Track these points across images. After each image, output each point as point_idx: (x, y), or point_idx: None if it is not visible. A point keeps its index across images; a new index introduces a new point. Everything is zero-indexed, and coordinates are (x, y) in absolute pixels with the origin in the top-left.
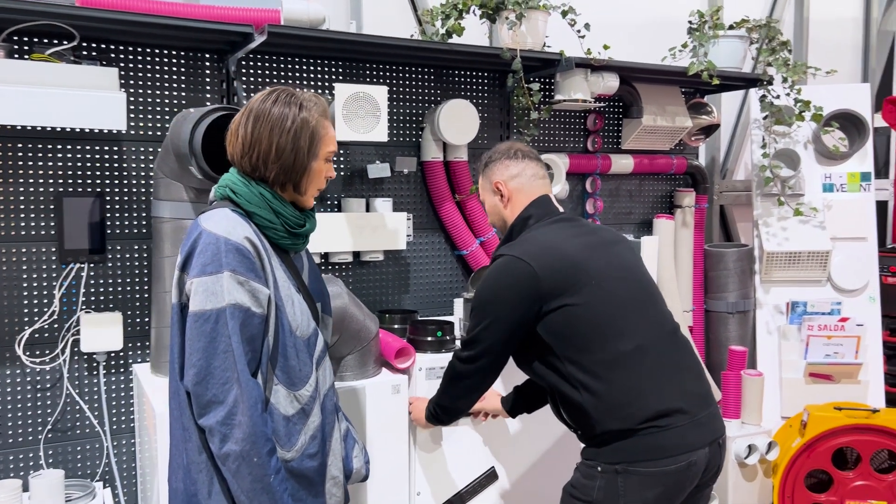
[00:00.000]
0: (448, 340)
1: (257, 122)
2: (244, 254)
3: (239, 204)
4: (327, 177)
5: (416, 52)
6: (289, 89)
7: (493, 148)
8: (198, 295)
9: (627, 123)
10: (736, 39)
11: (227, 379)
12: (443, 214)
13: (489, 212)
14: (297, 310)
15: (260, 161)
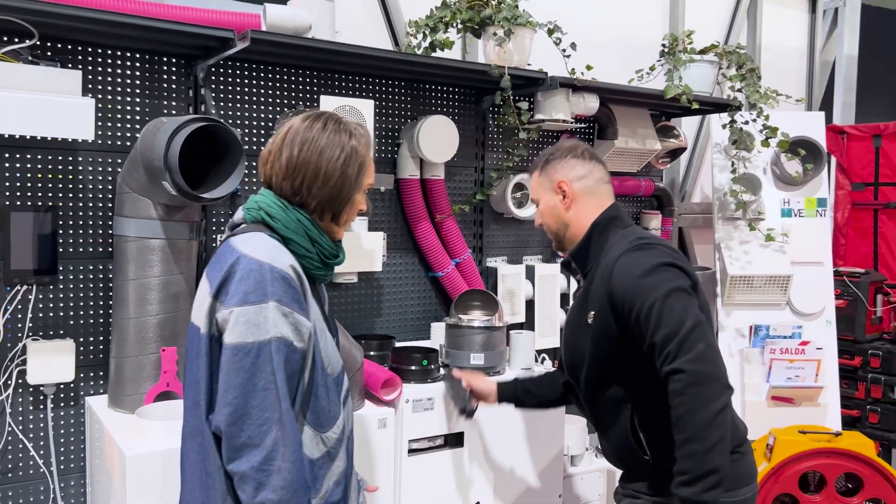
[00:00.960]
0: (433, 370)
1: (305, 144)
2: (290, 283)
3: (275, 229)
4: (360, 210)
5: (401, 66)
6: (335, 115)
7: (555, 145)
8: (238, 326)
9: (599, 144)
10: (706, 64)
11: (265, 420)
12: (418, 234)
13: (543, 212)
14: (328, 344)
15: (304, 186)
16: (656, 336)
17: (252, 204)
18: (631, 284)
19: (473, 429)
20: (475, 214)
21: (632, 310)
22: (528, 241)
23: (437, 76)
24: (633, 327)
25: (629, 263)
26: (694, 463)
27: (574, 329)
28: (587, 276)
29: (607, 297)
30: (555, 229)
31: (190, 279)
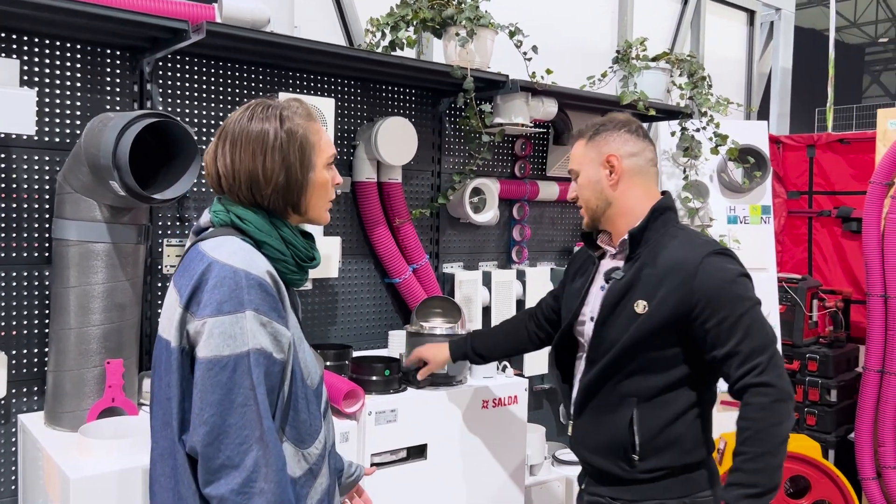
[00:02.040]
0: (394, 380)
1: (235, 146)
2: (267, 290)
3: (248, 232)
4: (335, 185)
5: (363, 64)
6: (263, 101)
7: (607, 116)
8: (213, 338)
9: (554, 150)
10: (659, 71)
11: (244, 438)
12: (374, 239)
13: (584, 185)
14: (307, 354)
15: (250, 190)
16: (742, 345)
17: (219, 206)
18: (722, 289)
19: (436, 440)
20: (432, 219)
21: (715, 314)
22: (485, 246)
23: (394, 76)
24: (707, 331)
25: (719, 268)
26: (766, 477)
27: (610, 313)
28: (632, 260)
29: (683, 295)
30: (593, 205)
31: (137, 286)
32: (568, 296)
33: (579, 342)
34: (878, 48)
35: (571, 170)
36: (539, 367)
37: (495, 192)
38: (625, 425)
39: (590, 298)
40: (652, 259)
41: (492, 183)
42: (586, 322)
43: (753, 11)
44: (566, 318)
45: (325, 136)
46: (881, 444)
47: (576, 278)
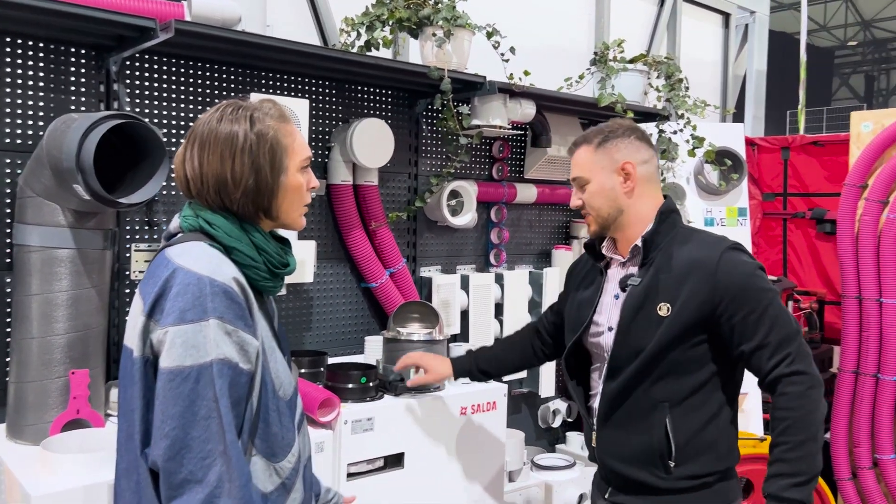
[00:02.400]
0: (372, 388)
1: (204, 149)
2: (233, 297)
3: (217, 238)
4: (311, 188)
5: (338, 65)
6: (235, 102)
7: (610, 122)
8: (174, 348)
9: (531, 152)
10: (636, 73)
11: (208, 452)
12: (350, 243)
13: (595, 193)
14: (279, 364)
15: (218, 194)
16: (770, 337)
17: (189, 211)
18: (745, 284)
19: (414, 449)
20: (409, 222)
21: (740, 309)
22: (462, 249)
23: (369, 77)
24: (733, 326)
25: (738, 262)
26: (809, 464)
27: (633, 319)
28: (647, 265)
29: (706, 293)
30: (605, 213)
31: (103, 293)
32: (575, 307)
33: (592, 353)
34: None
35: (578, 177)
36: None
37: (473, 195)
38: (659, 431)
39: (602, 308)
40: (667, 261)
41: (469, 185)
42: (603, 332)
43: (728, 14)
44: (574, 330)
45: (299, 139)
46: (856, 445)
47: (580, 289)
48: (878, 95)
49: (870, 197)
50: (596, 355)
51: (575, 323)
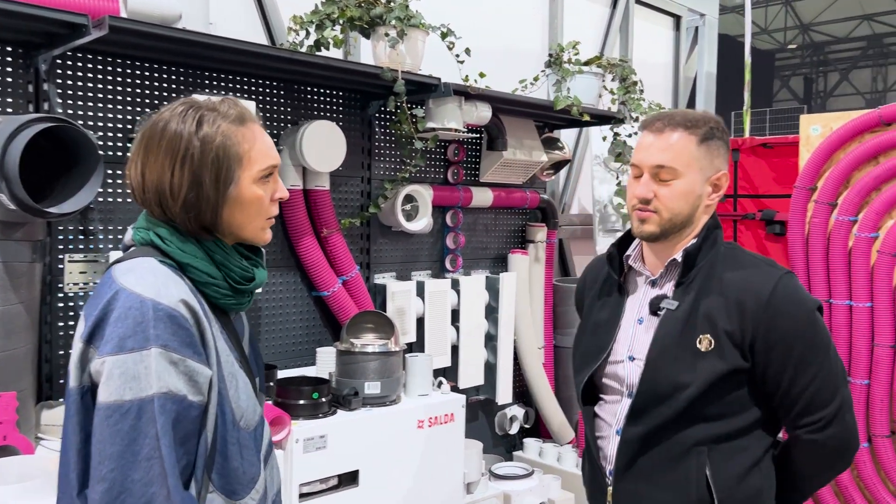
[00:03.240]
0: (324, 403)
1: (149, 153)
2: (179, 323)
3: (168, 253)
4: (276, 199)
5: (285, 65)
6: (190, 100)
7: (704, 114)
8: (112, 380)
9: (487, 156)
10: (591, 76)
11: (150, 497)
12: (301, 250)
13: (683, 192)
14: (241, 392)
15: (161, 204)
16: (807, 392)
17: (142, 223)
18: (798, 328)
19: (369, 465)
20: (362, 228)
21: (786, 355)
22: (418, 255)
23: (320, 78)
24: (772, 368)
25: (795, 300)
26: None
27: (667, 353)
28: (684, 286)
29: (755, 330)
30: (680, 219)
31: (32, 309)
32: (589, 331)
33: (603, 387)
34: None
35: (666, 166)
36: (474, 378)
37: (428, 199)
38: (696, 479)
39: (622, 334)
40: (709, 285)
41: (424, 189)
42: (622, 362)
43: (679, 16)
44: (593, 359)
45: (259, 144)
46: None
47: (594, 310)
48: (817, 97)
49: (819, 199)
50: (609, 388)
51: (593, 350)
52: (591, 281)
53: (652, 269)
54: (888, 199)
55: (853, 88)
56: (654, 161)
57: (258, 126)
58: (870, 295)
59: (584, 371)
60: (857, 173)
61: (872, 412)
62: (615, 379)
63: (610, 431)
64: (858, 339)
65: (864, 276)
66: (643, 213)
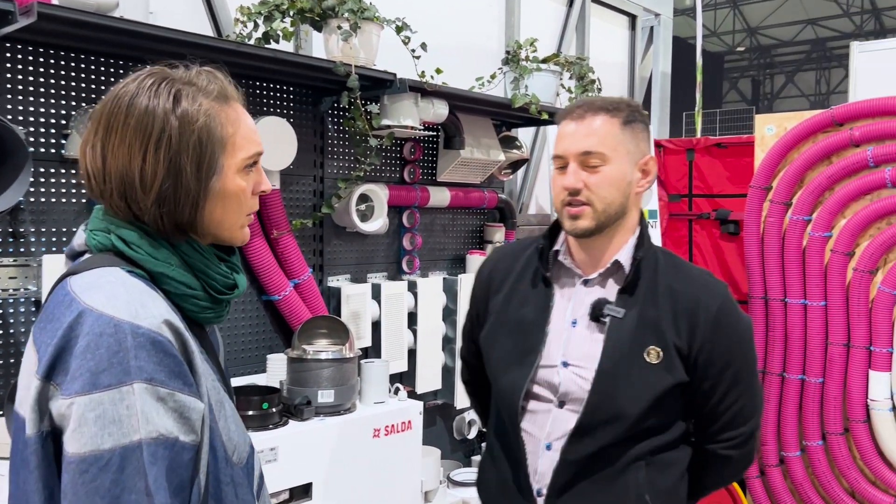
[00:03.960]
0: (274, 413)
1: (109, 133)
2: (165, 349)
3: (137, 261)
4: (258, 192)
5: (231, 58)
6: (158, 70)
7: (621, 99)
8: (85, 425)
9: (444, 154)
10: (549, 74)
11: None
12: (250, 253)
13: (615, 180)
14: (230, 422)
15: (126, 198)
16: (735, 407)
17: (99, 222)
18: (740, 349)
19: (323, 478)
20: (315, 229)
21: (723, 372)
22: (373, 257)
23: (269, 72)
24: (705, 383)
25: (738, 321)
26: None
27: (620, 367)
28: (629, 292)
29: (700, 345)
30: (613, 209)
31: None
32: (510, 330)
33: (532, 394)
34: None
35: (593, 152)
36: (432, 383)
37: (384, 199)
38: (635, 495)
39: (553, 336)
40: (653, 293)
41: (380, 189)
42: (556, 367)
43: (635, 16)
44: (521, 362)
45: (244, 127)
46: (763, 444)
47: (515, 305)
48: (764, 99)
49: (774, 199)
50: (537, 396)
51: (518, 353)
52: (501, 273)
53: (583, 267)
54: (840, 199)
55: (798, 90)
56: (579, 148)
57: (241, 106)
58: (823, 294)
59: (510, 375)
60: (811, 173)
61: (826, 410)
62: (546, 386)
63: (537, 446)
64: (813, 337)
65: (817, 275)
66: (575, 208)
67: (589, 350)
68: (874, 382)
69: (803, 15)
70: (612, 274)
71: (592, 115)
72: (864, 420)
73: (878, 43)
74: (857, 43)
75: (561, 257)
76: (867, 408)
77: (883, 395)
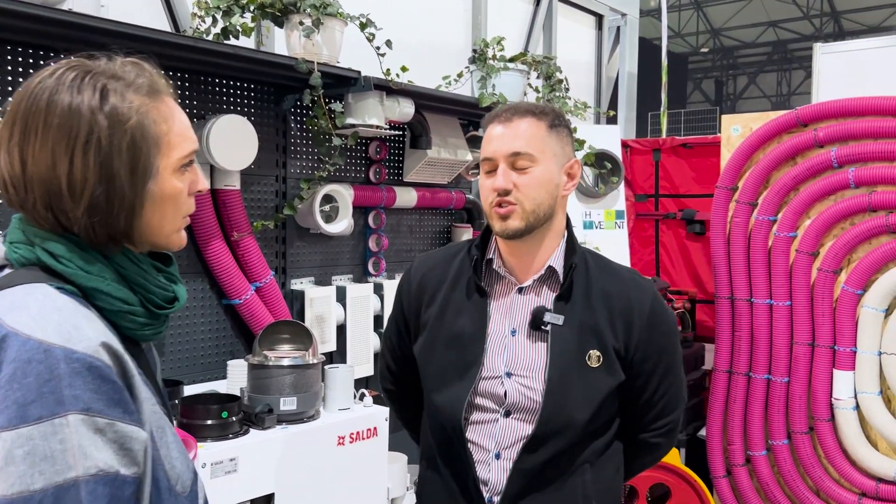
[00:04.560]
0: (235, 423)
1: (28, 135)
2: (104, 375)
3: (67, 276)
4: (195, 192)
5: (189, 54)
6: (78, 62)
7: (544, 105)
8: (13, 463)
9: (410, 154)
10: (516, 73)
11: None
12: (209, 255)
13: (543, 182)
14: (172, 449)
15: (51, 207)
16: (664, 399)
17: (18, 234)
18: (670, 344)
19: (285, 488)
20: (277, 230)
21: (655, 368)
22: (338, 259)
23: (229, 69)
24: (640, 375)
25: (667, 313)
26: None
27: (568, 376)
28: (565, 298)
29: (636, 344)
30: (542, 210)
31: None
32: (448, 342)
33: (476, 406)
34: (699, 57)
35: (522, 153)
36: None
37: (349, 200)
38: (582, 496)
39: (493, 347)
40: (588, 296)
41: (345, 189)
42: (500, 378)
43: (602, 16)
44: (462, 375)
45: (178, 123)
46: (730, 443)
47: (448, 317)
48: (727, 99)
49: (740, 199)
50: (481, 408)
51: (459, 366)
52: (433, 282)
53: (516, 274)
54: (805, 200)
55: (760, 91)
56: (509, 149)
57: (172, 100)
58: (789, 293)
59: (452, 390)
60: (776, 173)
61: (792, 409)
62: (490, 398)
63: (486, 455)
64: (778, 337)
65: (783, 276)
66: (504, 209)
67: (532, 359)
68: (838, 381)
69: (765, 17)
70: (546, 280)
71: (520, 118)
72: (829, 419)
73: (840, 44)
74: (820, 45)
75: (496, 266)
76: (831, 407)
77: (847, 394)
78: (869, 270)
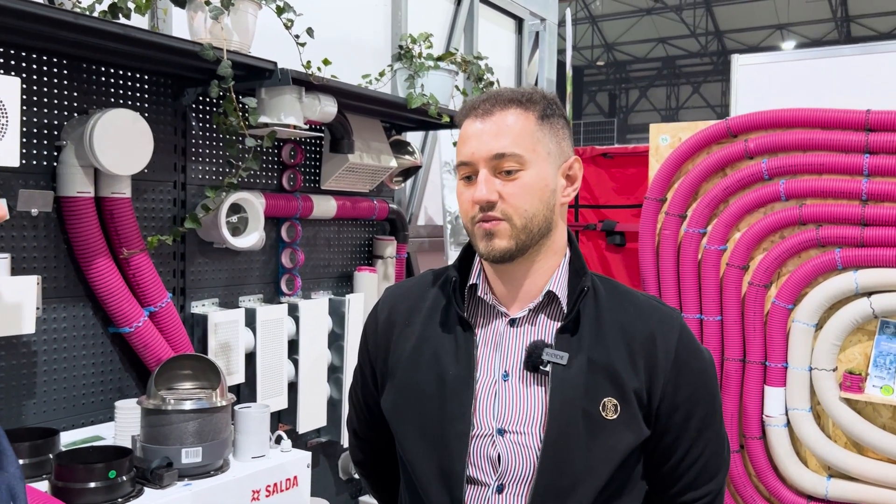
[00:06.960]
0: (125, 482)
1: None
2: None
3: None
4: None
5: (70, 32)
6: None
7: (533, 89)
8: None
9: (329, 159)
10: (444, 73)
11: None
12: (93, 276)
13: (536, 188)
14: None
15: None
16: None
17: None
18: (704, 386)
19: None
20: (175, 245)
21: (689, 417)
22: (247, 277)
23: (119, 54)
24: (669, 431)
25: (698, 350)
26: None
27: (572, 430)
28: (571, 331)
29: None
30: (537, 223)
31: None
32: (418, 391)
33: (470, 479)
34: (594, 70)
35: (508, 154)
36: (316, 419)
37: (260, 210)
38: None
39: (482, 397)
40: (600, 329)
41: (255, 198)
42: (491, 437)
43: (522, 19)
44: (447, 436)
45: None
46: None
47: (425, 360)
48: (620, 112)
49: (669, 211)
50: (470, 479)
51: (443, 423)
52: (403, 317)
53: (506, 303)
54: (736, 212)
55: (651, 105)
56: (490, 150)
57: None
58: (719, 308)
59: (439, 459)
60: (706, 185)
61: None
62: (483, 464)
63: None
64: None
65: (713, 290)
66: (489, 224)
67: (529, 410)
68: (769, 398)
69: (655, 34)
70: (544, 309)
71: (502, 110)
72: (760, 437)
73: (755, 56)
74: (737, 56)
75: (482, 293)
76: (762, 424)
77: (778, 410)
78: (799, 284)
